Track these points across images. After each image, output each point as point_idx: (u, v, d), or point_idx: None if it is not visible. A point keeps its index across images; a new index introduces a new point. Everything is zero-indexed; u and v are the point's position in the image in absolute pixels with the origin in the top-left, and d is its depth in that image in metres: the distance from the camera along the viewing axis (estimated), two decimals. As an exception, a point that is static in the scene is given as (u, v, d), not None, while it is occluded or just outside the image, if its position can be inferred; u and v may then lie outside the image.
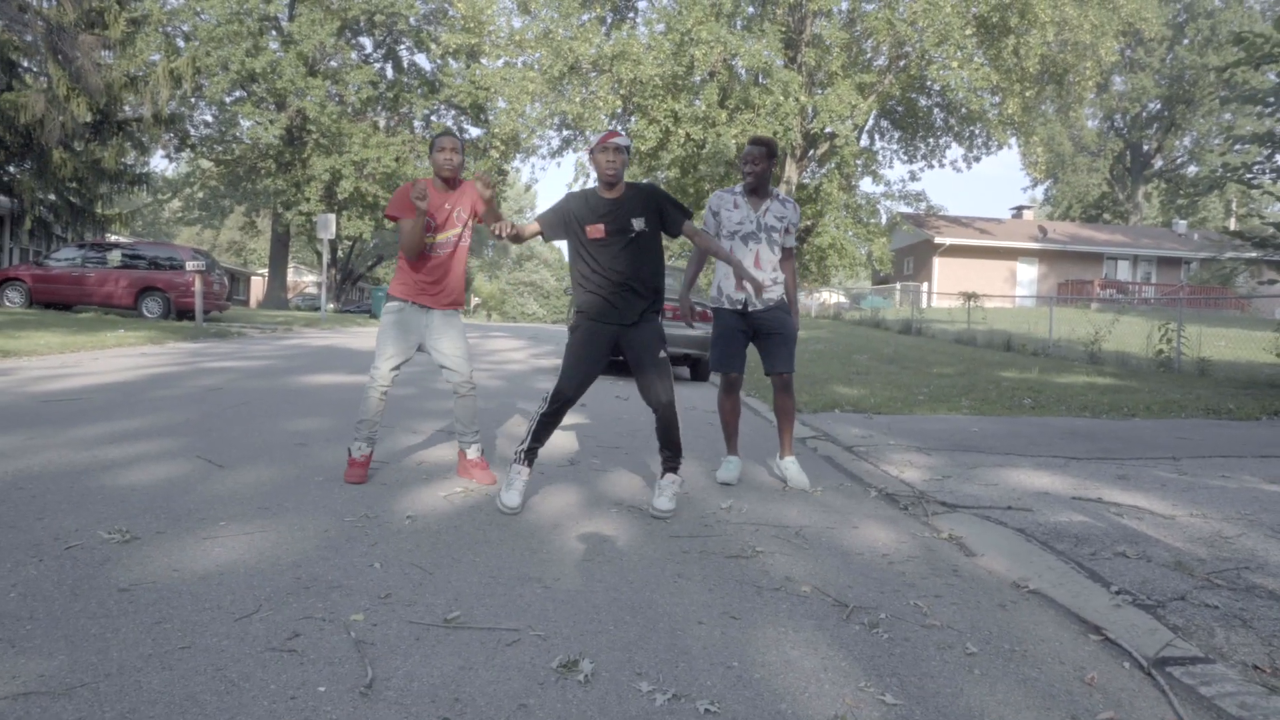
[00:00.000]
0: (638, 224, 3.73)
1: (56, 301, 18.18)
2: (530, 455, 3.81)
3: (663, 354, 3.81)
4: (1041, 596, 2.92)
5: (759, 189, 4.58)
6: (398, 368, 4.11)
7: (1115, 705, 2.11)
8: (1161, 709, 2.10)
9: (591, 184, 3.91)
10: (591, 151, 3.76)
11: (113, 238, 23.45)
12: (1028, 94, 25.67)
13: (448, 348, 4.17)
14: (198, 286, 16.34)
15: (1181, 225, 42.44)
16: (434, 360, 4.22)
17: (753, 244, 4.54)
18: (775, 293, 4.59)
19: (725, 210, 4.61)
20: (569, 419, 6.46)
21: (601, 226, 3.71)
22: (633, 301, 3.75)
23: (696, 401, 8.31)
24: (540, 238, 3.84)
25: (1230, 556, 3.28)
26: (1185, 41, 47.08)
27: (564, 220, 3.79)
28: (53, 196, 20.27)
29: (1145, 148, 51.64)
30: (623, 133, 3.77)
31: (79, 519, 3.14)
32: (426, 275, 4.12)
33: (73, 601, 2.37)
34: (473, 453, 4.29)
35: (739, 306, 4.57)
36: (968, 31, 23.27)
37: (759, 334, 4.60)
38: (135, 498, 3.49)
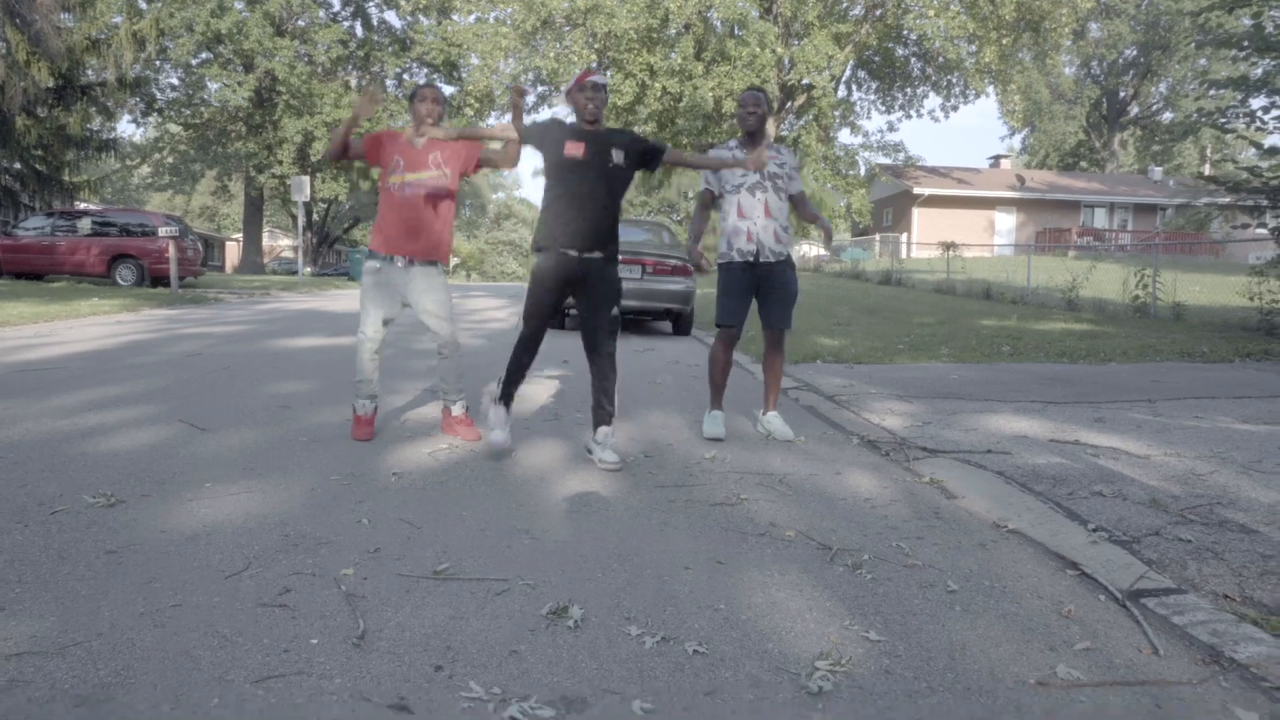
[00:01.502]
0: (617, 155, 3.73)
1: (27, 271, 17.87)
2: (506, 398, 3.86)
3: (615, 311, 3.85)
4: (1020, 535, 2.98)
5: (756, 135, 4.53)
6: (385, 324, 4.12)
7: (1092, 636, 2.17)
8: (1136, 638, 2.16)
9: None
10: (569, 92, 3.73)
11: (82, 205, 23.05)
12: (1004, 42, 25.50)
13: (430, 305, 4.14)
14: (171, 252, 16.12)
15: (1157, 172, 42.61)
16: (418, 317, 4.21)
17: (760, 193, 4.49)
18: (787, 242, 4.56)
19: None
20: (552, 372, 6.47)
21: (582, 146, 3.69)
22: (596, 233, 3.75)
23: (679, 355, 8.34)
24: (519, 140, 3.81)
25: (1203, 493, 3.36)
26: (1161, -14, 46.83)
27: (545, 133, 3.77)
28: (18, 165, 19.86)
29: (1121, 94, 51.61)
30: (598, 70, 3.78)
31: (62, 485, 3.13)
32: (399, 215, 4.06)
33: (60, 565, 2.37)
34: (457, 409, 4.30)
35: (750, 258, 4.51)
36: (944, -22, 23.04)
37: (762, 289, 4.56)
38: (118, 463, 3.47)
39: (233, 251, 51.97)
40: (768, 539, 2.85)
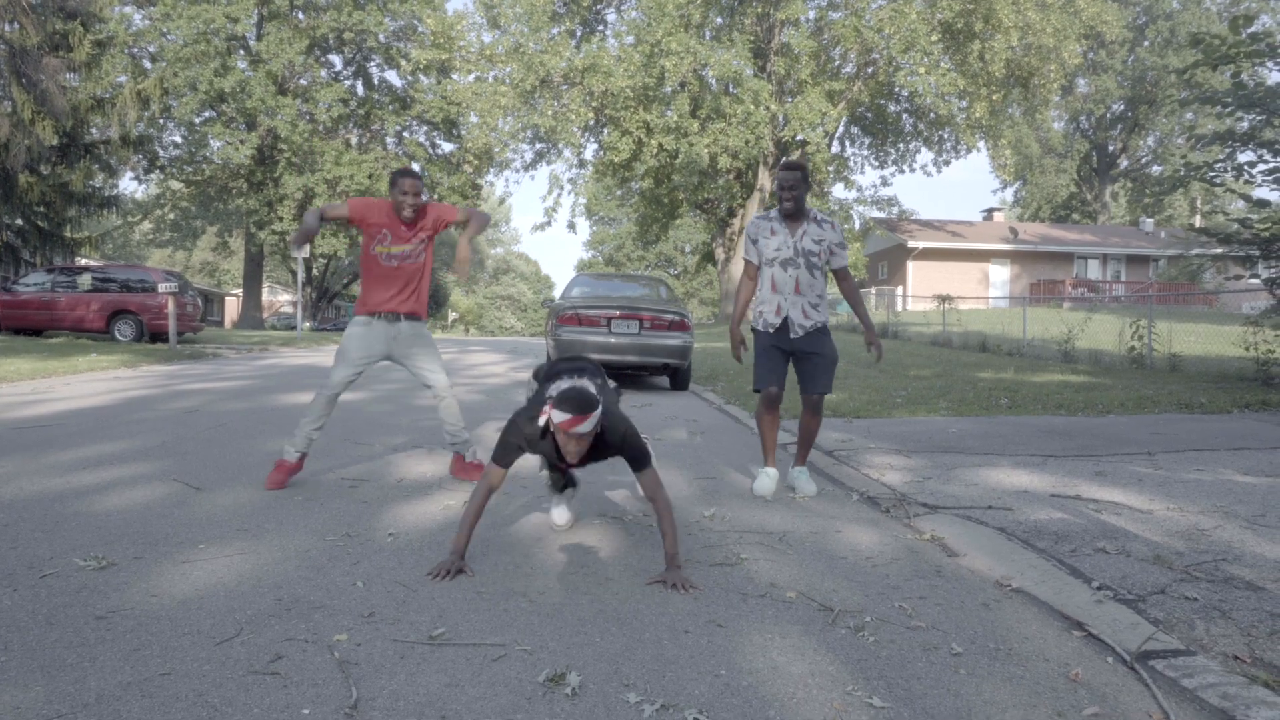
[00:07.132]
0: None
1: (26, 327, 17.91)
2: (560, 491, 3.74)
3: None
4: (1024, 594, 2.94)
5: (796, 213, 4.52)
6: (354, 378, 4.30)
7: (1100, 700, 2.12)
8: (1145, 702, 2.12)
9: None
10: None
11: (83, 261, 23.19)
12: (994, 98, 26.01)
13: (423, 360, 4.32)
14: (171, 308, 16.17)
15: (1148, 223, 43.07)
16: (415, 377, 4.36)
17: (791, 270, 4.49)
18: (818, 318, 4.55)
19: (763, 237, 4.57)
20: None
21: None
22: None
23: (677, 411, 8.32)
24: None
25: (1208, 549, 3.32)
26: (1145, 43, 47.90)
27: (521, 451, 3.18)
28: (20, 221, 20.00)
29: (1110, 148, 52.44)
30: (590, 417, 2.89)
31: (54, 546, 3.09)
32: (386, 283, 4.28)
33: (48, 631, 2.32)
34: (470, 455, 4.44)
35: (775, 329, 4.53)
36: (933, 38, 23.55)
37: (798, 355, 4.56)
38: (111, 523, 3.44)
39: (232, 307, 52.23)
40: (768, 600, 2.81)
